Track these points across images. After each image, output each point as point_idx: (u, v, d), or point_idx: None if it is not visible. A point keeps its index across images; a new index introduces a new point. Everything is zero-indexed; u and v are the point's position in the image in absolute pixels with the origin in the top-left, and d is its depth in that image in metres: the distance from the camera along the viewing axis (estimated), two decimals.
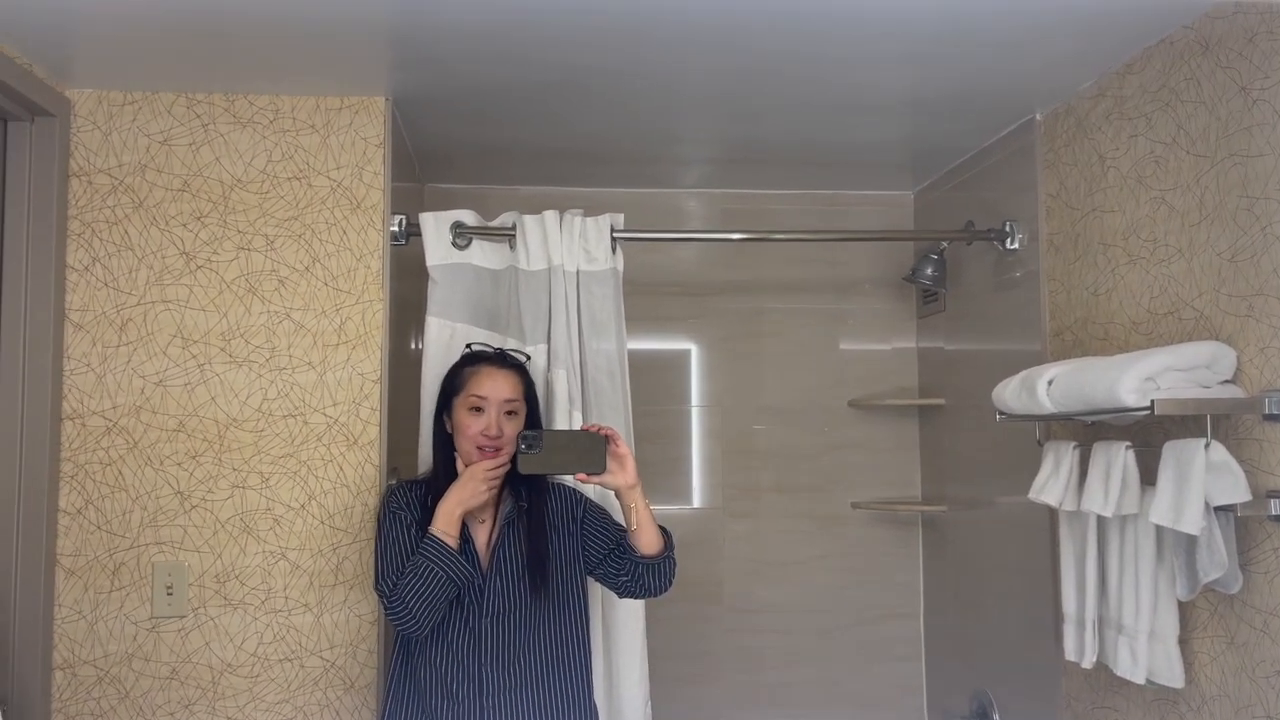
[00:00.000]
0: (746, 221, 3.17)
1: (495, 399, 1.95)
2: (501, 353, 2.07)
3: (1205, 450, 1.65)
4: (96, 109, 2.23)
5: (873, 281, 3.25)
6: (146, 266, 2.23)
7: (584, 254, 2.36)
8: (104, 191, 2.23)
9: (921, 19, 1.88)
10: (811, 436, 3.22)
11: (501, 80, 2.20)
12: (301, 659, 2.21)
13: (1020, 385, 2.03)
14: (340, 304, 2.26)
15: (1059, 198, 2.34)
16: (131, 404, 2.20)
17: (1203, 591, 1.78)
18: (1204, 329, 1.83)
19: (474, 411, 1.94)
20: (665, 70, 2.15)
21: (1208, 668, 1.81)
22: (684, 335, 3.23)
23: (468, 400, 1.95)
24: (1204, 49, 1.83)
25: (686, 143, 2.76)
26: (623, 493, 1.89)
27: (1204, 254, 1.83)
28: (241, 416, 2.22)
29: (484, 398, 1.95)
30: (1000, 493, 2.65)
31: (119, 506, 2.19)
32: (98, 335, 2.21)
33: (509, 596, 1.93)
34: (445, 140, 2.67)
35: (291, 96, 2.28)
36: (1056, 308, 2.36)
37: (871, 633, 3.19)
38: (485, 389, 1.96)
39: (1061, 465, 2.02)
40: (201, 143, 2.25)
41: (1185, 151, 1.88)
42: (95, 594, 2.17)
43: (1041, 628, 2.39)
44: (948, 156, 2.86)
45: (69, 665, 2.16)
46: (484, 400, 1.95)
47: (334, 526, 2.23)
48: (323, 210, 2.27)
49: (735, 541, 3.19)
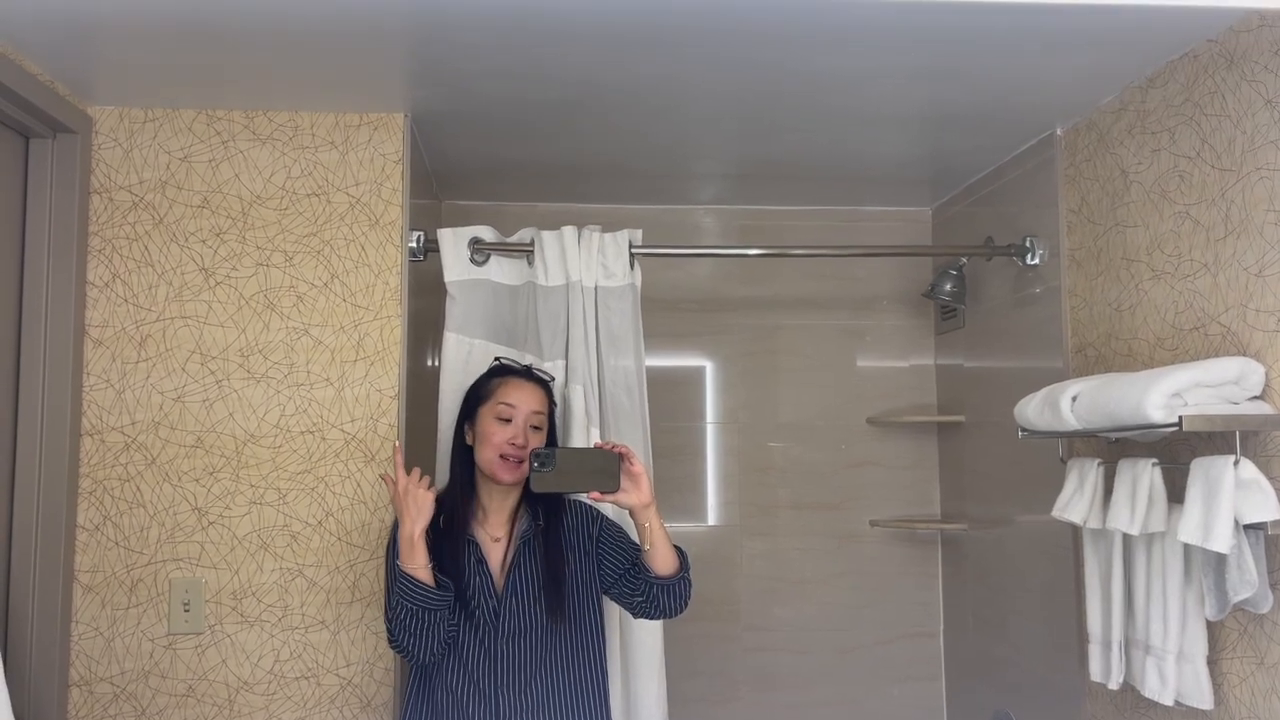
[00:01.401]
0: (763, 237, 3.16)
1: (524, 408, 1.95)
2: (530, 368, 2.07)
3: (1234, 467, 1.62)
4: (118, 126, 2.25)
5: (891, 298, 3.24)
6: (166, 283, 2.23)
7: (602, 269, 2.36)
8: (124, 208, 2.23)
9: (941, 33, 1.88)
10: (829, 453, 3.20)
11: (519, 97, 2.20)
12: (318, 676, 2.20)
13: (1043, 401, 2.01)
14: (358, 320, 2.26)
15: (1080, 213, 2.33)
16: (150, 420, 2.20)
17: (1232, 611, 1.76)
18: (1231, 345, 1.80)
19: (501, 421, 1.94)
20: (682, 86, 2.15)
21: (1237, 689, 1.78)
22: (700, 352, 3.22)
23: (495, 408, 1.95)
24: (1228, 62, 1.81)
25: (703, 159, 2.76)
26: (637, 511, 1.86)
27: (1230, 269, 1.81)
28: (259, 432, 2.22)
29: (513, 406, 1.95)
30: (1021, 510, 2.62)
31: (137, 522, 2.19)
32: (117, 351, 2.21)
33: (525, 617, 1.91)
34: (463, 157, 2.67)
35: (311, 113, 2.28)
36: (1079, 323, 2.34)
37: (891, 652, 3.16)
38: (515, 398, 1.96)
39: (1086, 482, 1.99)
40: (221, 159, 2.26)
41: (1210, 166, 1.87)
42: (112, 610, 2.17)
43: (1065, 647, 2.36)
44: (967, 172, 2.84)
45: (86, 682, 2.15)
46: (513, 409, 1.94)
47: (351, 543, 2.22)
48: (341, 226, 2.27)
49: (752, 559, 3.17)
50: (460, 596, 1.89)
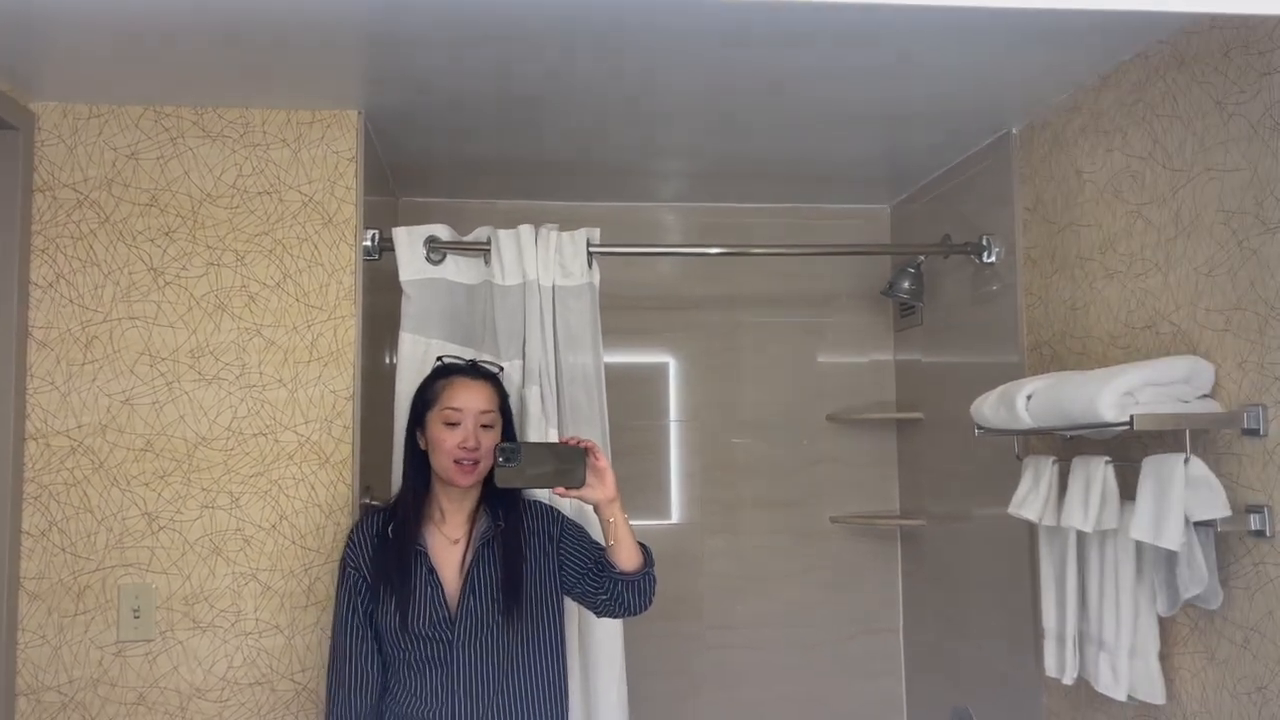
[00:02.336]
0: (724, 235, 3.15)
1: (471, 410, 1.92)
2: (474, 364, 2.04)
3: (1185, 465, 1.64)
4: (61, 122, 2.19)
5: (850, 295, 3.25)
6: (113, 283, 2.18)
7: (560, 269, 2.34)
8: (69, 206, 2.18)
9: (897, 33, 1.88)
10: (790, 450, 3.21)
11: (477, 93, 2.18)
12: (273, 682, 2.16)
13: (999, 400, 2.02)
14: (312, 320, 2.22)
15: (1035, 211, 2.34)
16: (97, 423, 2.15)
17: (1183, 607, 1.78)
18: (1182, 343, 1.82)
19: (449, 425, 1.91)
20: (643, 84, 2.13)
21: (1189, 684, 1.80)
22: (662, 349, 3.21)
23: (442, 414, 1.92)
24: (1179, 64, 1.83)
25: (664, 156, 2.75)
26: (602, 507, 1.84)
27: (1181, 268, 1.83)
28: (211, 435, 2.18)
29: (459, 410, 1.92)
30: (979, 507, 2.64)
31: (84, 528, 2.14)
32: (62, 353, 2.16)
33: (482, 617, 1.89)
34: (420, 154, 2.64)
35: (262, 110, 2.24)
36: (1034, 321, 2.35)
37: (851, 648, 3.17)
38: (460, 400, 1.93)
39: (1041, 480, 2.01)
40: (170, 156, 2.22)
41: (1161, 166, 1.89)
42: (60, 618, 2.12)
43: (1022, 643, 2.38)
44: (924, 170, 2.86)
45: (33, 691, 2.10)
46: (459, 413, 1.92)
47: (306, 547, 2.19)
48: (294, 225, 2.23)
49: (714, 557, 3.17)
50: (402, 611, 1.87)
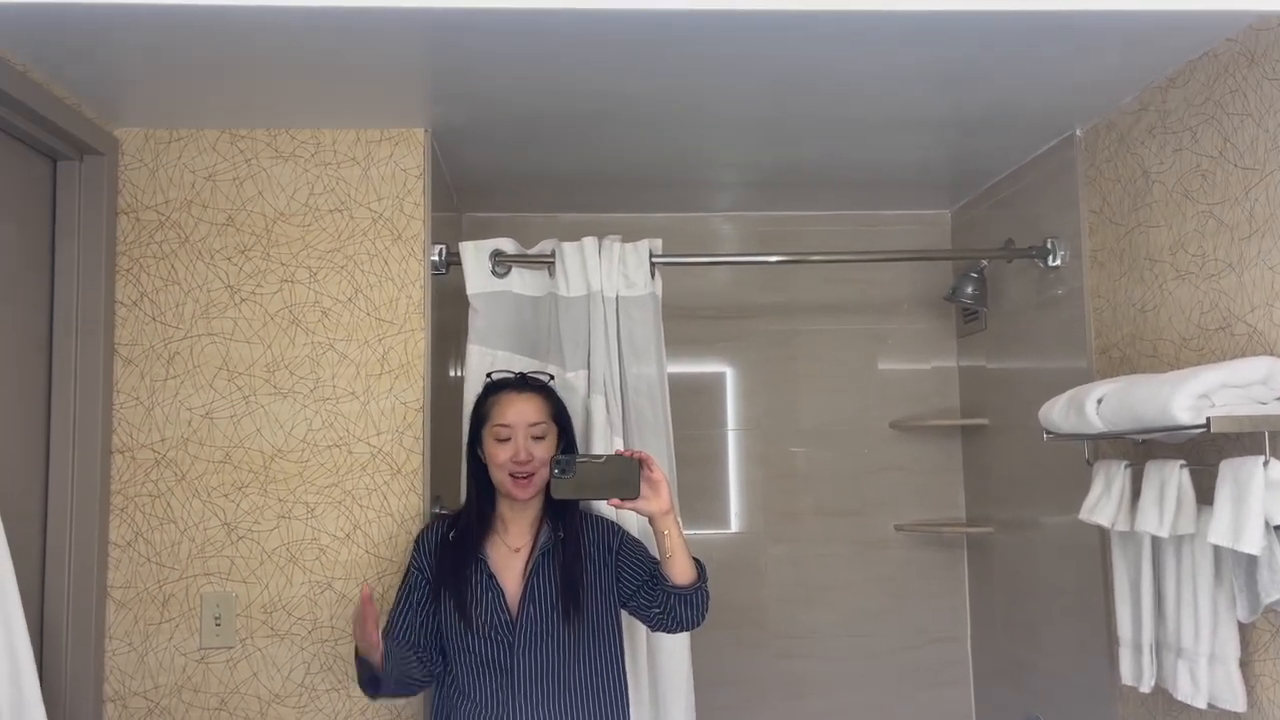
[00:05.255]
0: (781, 244, 3.16)
1: (520, 424, 1.95)
2: (523, 377, 2.07)
3: (1264, 468, 1.61)
4: (143, 147, 2.28)
5: (911, 301, 3.23)
6: (192, 300, 2.26)
7: (623, 279, 2.37)
8: (151, 227, 2.26)
9: (959, 35, 1.88)
10: (852, 458, 3.19)
11: (537, 109, 2.22)
12: (348, 689, 2.21)
13: (1068, 404, 2.00)
14: (383, 334, 2.28)
15: (1101, 213, 2.32)
16: (179, 436, 2.23)
17: (1264, 613, 1.74)
18: (1258, 344, 1.79)
19: (501, 441, 1.95)
20: (701, 93, 2.15)
21: (1270, 690, 1.76)
22: (721, 358, 3.22)
23: (494, 430, 1.96)
24: (1249, 61, 1.81)
25: (721, 166, 2.77)
26: (656, 519, 1.85)
27: (1255, 268, 1.80)
28: (286, 447, 2.24)
29: (509, 425, 1.95)
30: (1048, 513, 2.61)
31: (168, 538, 2.21)
32: (146, 369, 2.24)
33: (543, 624, 1.92)
34: (483, 169, 2.69)
35: (332, 130, 2.31)
36: (1102, 325, 2.33)
37: (918, 657, 3.14)
38: (509, 416, 1.96)
39: (1113, 485, 1.98)
40: (245, 177, 2.29)
41: (1233, 165, 1.86)
42: (145, 625, 2.19)
43: (1094, 651, 2.35)
44: (986, 174, 2.83)
45: (120, 697, 2.17)
46: (509, 428, 1.95)
47: (379, 556, 2.24)
48: (364, 241, 2.29)
49: (777, 566, 3.16)
50: (464, 617, 1.91)
